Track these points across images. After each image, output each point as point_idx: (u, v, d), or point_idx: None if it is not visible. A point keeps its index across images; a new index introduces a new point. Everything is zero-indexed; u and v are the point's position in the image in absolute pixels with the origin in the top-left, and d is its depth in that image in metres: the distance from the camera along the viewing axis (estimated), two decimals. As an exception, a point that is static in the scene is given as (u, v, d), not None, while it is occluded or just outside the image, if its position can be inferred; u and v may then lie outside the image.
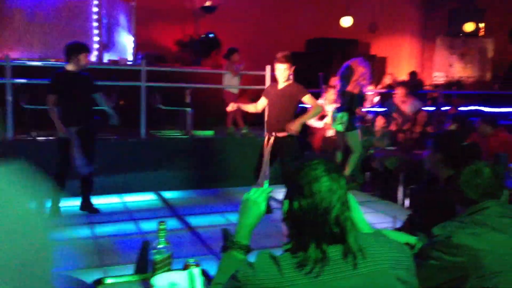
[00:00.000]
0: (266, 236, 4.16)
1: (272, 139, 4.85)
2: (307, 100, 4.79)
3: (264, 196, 1.59)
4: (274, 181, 4.69)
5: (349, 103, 6.22)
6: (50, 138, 5.86)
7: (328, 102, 7.40)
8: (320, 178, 1.35)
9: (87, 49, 5.08)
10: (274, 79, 5.32)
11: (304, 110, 5.15)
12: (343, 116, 6.26)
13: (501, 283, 1.59)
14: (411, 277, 1.41)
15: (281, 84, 4.92)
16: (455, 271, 1.61)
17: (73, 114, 4.97)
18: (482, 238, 1.65)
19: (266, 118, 5.25)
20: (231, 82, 7.68)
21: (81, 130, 4.99)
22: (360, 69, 6.21)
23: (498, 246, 1.64)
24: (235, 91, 7.83)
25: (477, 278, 1.60)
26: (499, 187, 1.85)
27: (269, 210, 4.52)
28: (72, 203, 5.60)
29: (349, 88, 6.19)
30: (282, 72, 4.81)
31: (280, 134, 4.77)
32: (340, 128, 6.31)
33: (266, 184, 1.42)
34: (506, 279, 1.59)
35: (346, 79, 6.24)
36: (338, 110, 6.37)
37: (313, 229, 1.33)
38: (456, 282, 1.61)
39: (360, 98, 6.33)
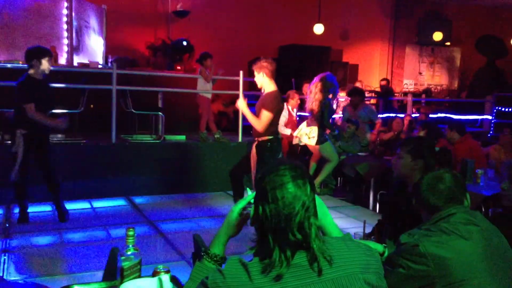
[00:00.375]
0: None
1: (254, 144, 4.84)
2: (262, 113, 4.72)
3: (242, 204, 1.57)
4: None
5: (319, 117, 6.31)
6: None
7: (292, 107, 7.49)
8: (286, 185, 1.35)
9: (49, 54, 4.92)
10: (247, 85, 5.30)
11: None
12: (312, 131, 6.35)
13: None
14: (380, 281, 1.43)
15: (265, 91, 4.90)
16: (422, 280, 1.61)
17: (32, 120, 4.82)
18: (449, 246, 1.65)
19: None
20: (205, 87, 7.65)
21: (38, 136, 4.87)
22: (328, 84, 6.30)
23: (465, 254, 1.65)
24: (209, 96, 7.81)
25: (443, 287, 1.60)
26: (462, 191, 1.86)
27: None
28: (40, 209, 5.48)
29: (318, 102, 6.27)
30: (256, 79, 4.81)
31: (261, 139, 4.77)
32: (311, 142, 6.39)
33: (248, 191, 1.40)
34: (472, 287, 1.60)
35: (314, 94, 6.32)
36: (307, 124, 6.45)
37: (276, 235, 1.33)
38: None
39: (330, 112, 6.42)
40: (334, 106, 6.57)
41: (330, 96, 6.34)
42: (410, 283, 1.63)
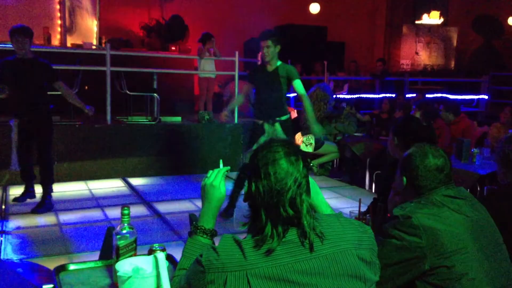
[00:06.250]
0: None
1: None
2: (297, 85, 4.52)
3: (220, 177, 1.59)
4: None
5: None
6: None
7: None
8: (278, 161, 1.35)
9: (15, 33, 4.56)
10: (242, 65, 5.23)
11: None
12: (309, 139, 6.45)
13: (457, 261, 1.64)
14: (374, 257, 1.44)
15: (270, 66, 4.56)
16: (414, 251, 1.65)
17: (12, 104, 4.71)
18: (440, 218, 1.70)
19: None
20: (203, 68, 7.58)
21: (24, 122, 4.70)
22: (322, 94, 6.56)
23: (455, 226, 1.69)
24: (209, 75, 7.75)
25: (435, 257, 1.65)
26: (450, 169, 1.84)
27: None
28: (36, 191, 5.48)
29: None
30: (271, 50, 4.46)
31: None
32: (309, 149, 6.47)
33: (221, 164, 1.42)
34: (462, 258, 1.65)
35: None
36: (303, 133, 6.52)
37: (268, 211, 1.34)
38: (415, 261, 1.65)
39: (327, 119, 6.51)
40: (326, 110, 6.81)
41: (323, 104, 6.61)
42: (401, 254, 1.66)
